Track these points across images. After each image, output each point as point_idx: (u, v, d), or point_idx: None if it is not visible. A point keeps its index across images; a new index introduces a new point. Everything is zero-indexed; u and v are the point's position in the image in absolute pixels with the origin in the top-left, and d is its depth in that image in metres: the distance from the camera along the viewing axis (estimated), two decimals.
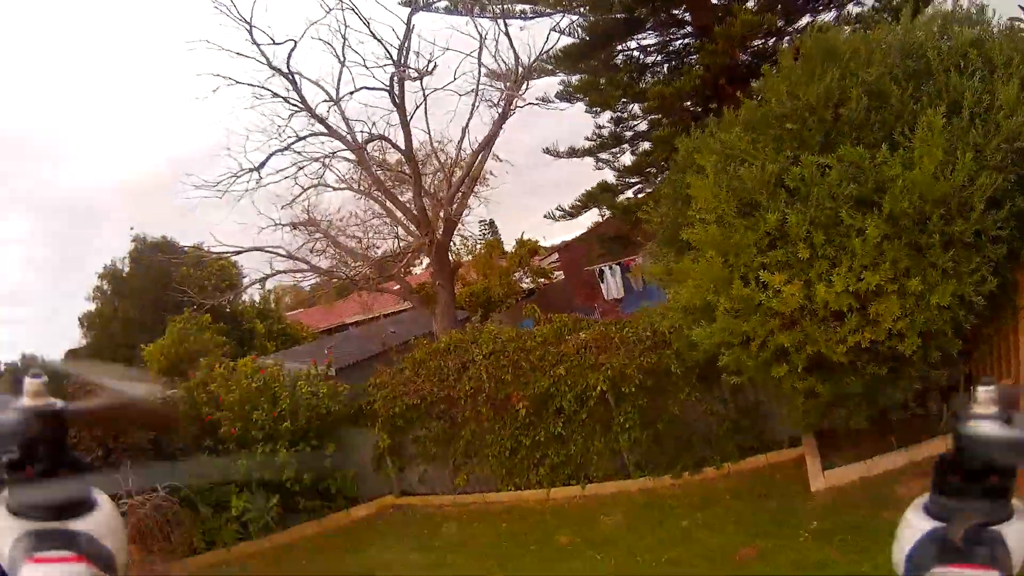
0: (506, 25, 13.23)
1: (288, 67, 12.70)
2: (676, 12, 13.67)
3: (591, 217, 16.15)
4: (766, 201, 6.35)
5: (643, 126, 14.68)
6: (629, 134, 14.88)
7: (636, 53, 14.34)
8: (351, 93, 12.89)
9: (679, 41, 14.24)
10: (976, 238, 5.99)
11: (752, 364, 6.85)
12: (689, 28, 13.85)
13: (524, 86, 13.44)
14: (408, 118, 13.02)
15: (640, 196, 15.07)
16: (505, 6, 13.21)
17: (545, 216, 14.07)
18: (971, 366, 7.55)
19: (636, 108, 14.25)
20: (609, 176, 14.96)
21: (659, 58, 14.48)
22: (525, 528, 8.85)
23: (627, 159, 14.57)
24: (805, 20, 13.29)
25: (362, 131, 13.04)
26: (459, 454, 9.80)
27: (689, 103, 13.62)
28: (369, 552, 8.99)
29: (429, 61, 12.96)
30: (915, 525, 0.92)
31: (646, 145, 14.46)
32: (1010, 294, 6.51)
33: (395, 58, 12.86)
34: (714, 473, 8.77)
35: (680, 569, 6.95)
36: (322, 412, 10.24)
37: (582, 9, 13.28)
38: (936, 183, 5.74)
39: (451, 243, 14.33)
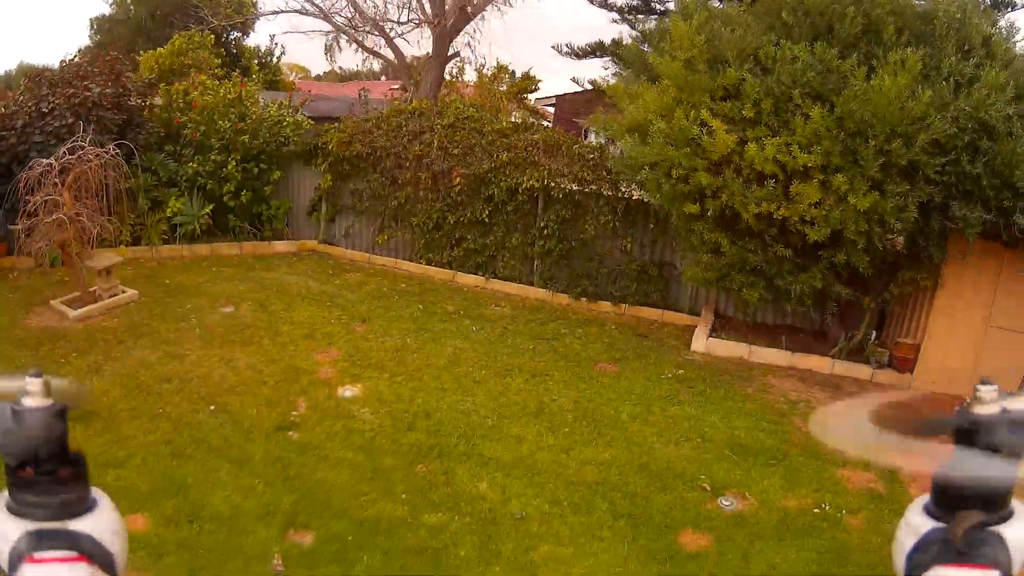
0: None
1: None
2: None
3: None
4: (734, 62, 6.49)
5: None
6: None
7: None
8: None
9: None
10: (912, 171, 6.11)
11: (669, 192, 6.95)
12: None
13: None
14: None
15: None
16: None
17: (552, 47, 13.56)
18: (881, 308, 7.66)
19: None
20: (626, 33, 14.43)
21: None
22: (420, 291, 9.20)
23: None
24: None
25: None
26: (388, 214, 10.04)
27: None
28: (272, 274, 9.34)
29: None
30: (915, 525, 0.91)
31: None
32: (933, 252, 6.57)
33: None
34: (609, 308, 9.02)
35: (539, 360, 7.29)
36: (281, 139, 10.39)
37: None
38: (890, 105, 5.84)
39: (458, 55, 14.04)
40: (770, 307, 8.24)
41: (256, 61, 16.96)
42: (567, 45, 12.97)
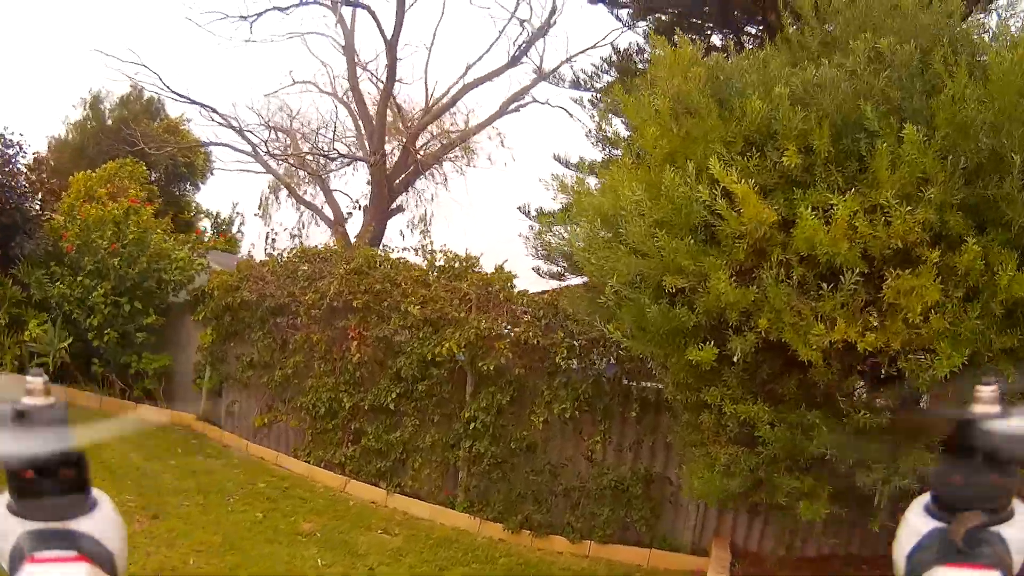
0: None
1: None
2: None
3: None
4: (755, 93, 3.59)
5: None
6: None
7: None
8: None
9: None
10: None
11: (660, 324, 3.91)
12: None
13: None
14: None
15: None
16: None
17: (518, 208, 11.49)
18: None
19: None
20: None
21: None
22: (281, 496, 6.20)
23: None
24: None
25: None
26: (273, 390, 7.28)
27: None
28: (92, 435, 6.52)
29: None
30: (915, 525, 0.88)
31: None
32: None
33: None
34: (565, 546, 5.84)
35: None
36: (163, 275, 8.17)
37: None
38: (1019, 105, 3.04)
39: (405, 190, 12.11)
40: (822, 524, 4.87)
41: (210, 224, 15.50)
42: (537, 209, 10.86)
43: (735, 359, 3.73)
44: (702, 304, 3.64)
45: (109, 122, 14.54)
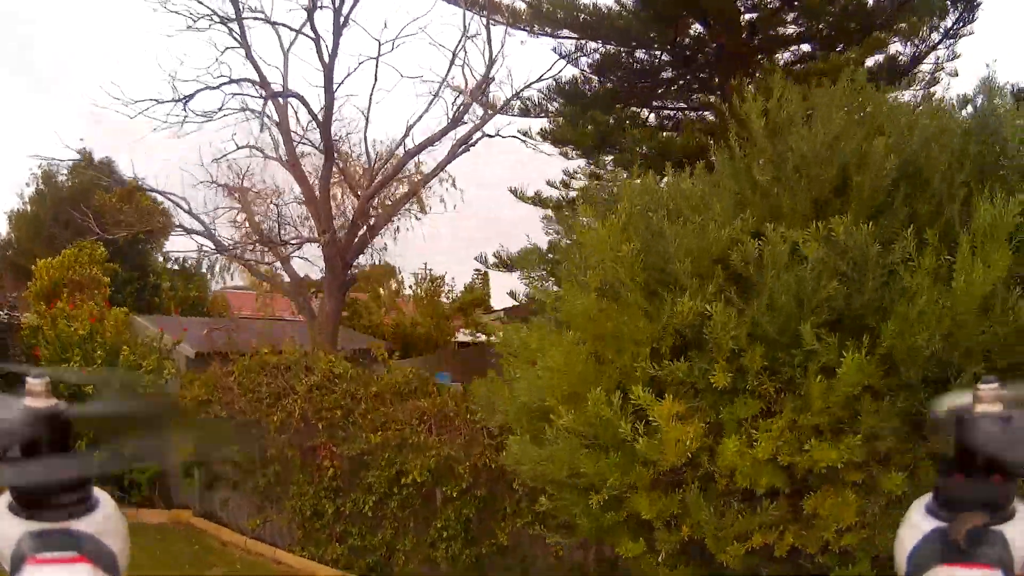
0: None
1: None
2: None
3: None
4: (690, 278, 3.60)
5: None
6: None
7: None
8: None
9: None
10: None
11: (589, 526, 4.36)
12: None
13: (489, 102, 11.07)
14: (334, 81, 10.84)
15: None
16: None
17: (476, 259, 11.61)
18: None
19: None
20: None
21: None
22: None
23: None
24: None
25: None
26: (260, 492, 7.75)
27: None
28: None
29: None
30: (917, 525, 0.90)
31: None
32: None
33: None
34: None
35: None
36: (137, 389, 8.39)
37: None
38: (980, 318, 3.13)
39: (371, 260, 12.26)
40: None
41: (169, 275, 15.50)
42: (496, 256, 10.91)
43: (661, 554, 4.19)
44: (629, 506, 4.01)
45: (64, 193, 14.29)
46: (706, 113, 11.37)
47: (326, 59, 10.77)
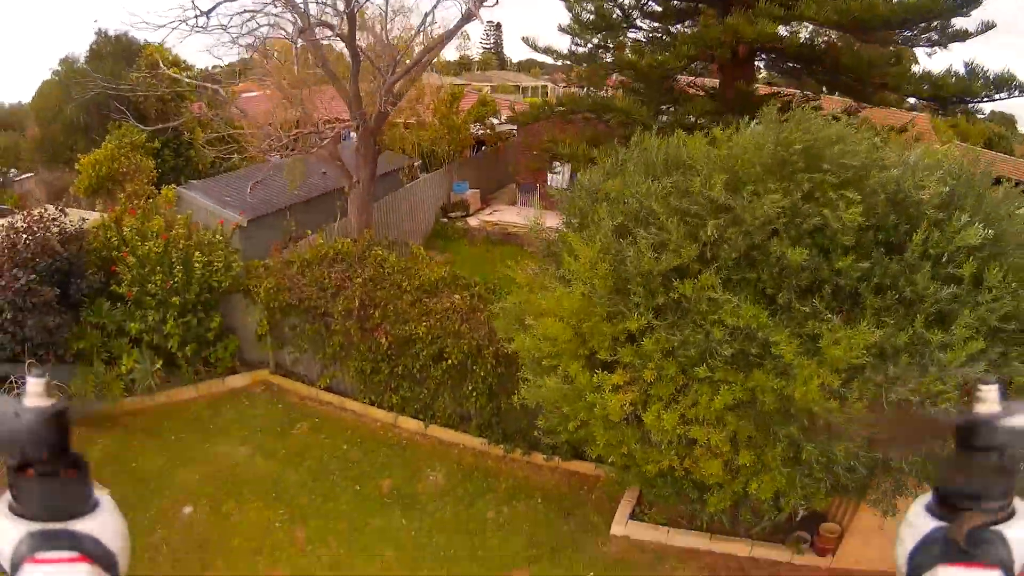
0: None
1: None
2: None
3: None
4: (643, 297, 5.50)
5: None
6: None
7: None
8: None
9: None
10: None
11: (567, 436, 6.57)
12: None
13: None
14: None
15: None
16: None
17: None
18: None
19: None
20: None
21: None
22: (360, 456, 9.24)
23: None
24: None
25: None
26: (327, 357, 9.94)
27: None
28: (223, 448, 9.39)
29: None
30: (917, 524, 0.90)
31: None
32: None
33: None
34: (542, 461, 8.93)
35: (457, 566, 7.51)
36: (213, 285, 10.09)
37: None
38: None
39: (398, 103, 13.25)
40: None
41: (197, 125, 16.07)
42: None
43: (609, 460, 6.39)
44: (590, 432, 6.19)
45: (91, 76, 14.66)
46: None
47: None
